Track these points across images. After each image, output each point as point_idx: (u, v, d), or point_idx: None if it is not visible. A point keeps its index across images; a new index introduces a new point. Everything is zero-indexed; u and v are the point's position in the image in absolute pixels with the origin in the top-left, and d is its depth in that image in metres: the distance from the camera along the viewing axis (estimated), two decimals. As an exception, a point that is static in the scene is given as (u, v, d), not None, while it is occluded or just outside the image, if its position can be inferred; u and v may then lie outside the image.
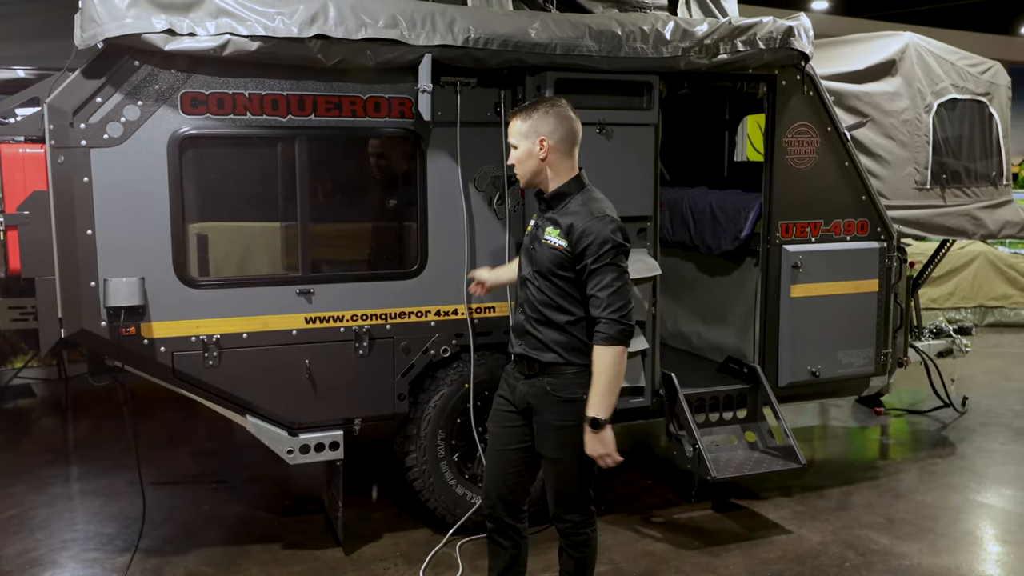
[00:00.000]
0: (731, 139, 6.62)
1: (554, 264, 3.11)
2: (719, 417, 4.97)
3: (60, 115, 3.69)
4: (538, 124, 3.14)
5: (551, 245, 3.12)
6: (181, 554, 4.40)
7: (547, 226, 3.16)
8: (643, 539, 4.58)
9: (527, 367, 3.20)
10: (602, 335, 3.04)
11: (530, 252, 3.22)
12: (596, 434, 3.04)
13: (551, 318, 3.14)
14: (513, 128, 3.19)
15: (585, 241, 3.05)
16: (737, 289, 5.42)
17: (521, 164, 3.20)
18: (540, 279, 3.15)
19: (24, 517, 4.89)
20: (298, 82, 4.00)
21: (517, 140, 3.18)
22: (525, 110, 3.18)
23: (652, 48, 4.39)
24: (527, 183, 3.25)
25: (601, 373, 3.04)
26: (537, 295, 3.16)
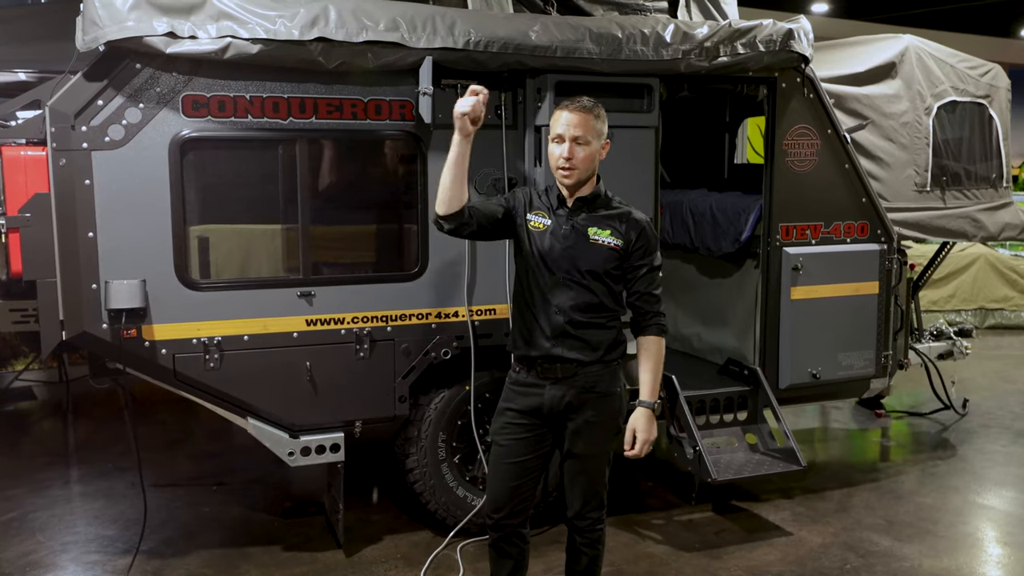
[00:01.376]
0: (731, 141, 6.63)
1: (609, 264, 3.15)
2: (720, 419, 4.97)
3: (62, 118, 3.70)
4: (605, 126, 3.16)
5: (608, 245, 3.14)
6: (181, 556, 4.40)
7: (590, 226, 3.16)
8: (643, 541, 4.58)
9: (562, 370, 3.17)
10: (659, 327, 3.21)
11: (564, 252, 3.15)
12: (654, 416, 3.18)
13: (596, 319, 3.16)
14: (585, 123, 3.08)
15: (641, 243, 3.16)
16: (737, 291, 5.43)
17: (585, 162, 3.11)
18: (591, 279, 3.14)
19: (24, 520, 4.89)
20: (299, 85, 4.01)
21: (591, 137, 3.10)
22: (595, 109, 3.13)
23: (652, 51, 4.40)
24: (577, 182, 3.15)
25: (659, 361, 3.21)
26: (585, 296, 3.14)
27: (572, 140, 3.08)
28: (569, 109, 3.10)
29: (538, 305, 3.19)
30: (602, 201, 3.22)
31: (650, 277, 3.19)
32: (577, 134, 3.08)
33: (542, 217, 3.23)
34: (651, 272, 3.19)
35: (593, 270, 3.15)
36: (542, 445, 3.27)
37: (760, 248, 5.04)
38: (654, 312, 3.20)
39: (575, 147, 3.09)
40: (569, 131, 3.08)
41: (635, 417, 3.17)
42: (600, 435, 3.23)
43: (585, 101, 3.12)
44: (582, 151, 3.09)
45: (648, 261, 3.19)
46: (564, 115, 3.11)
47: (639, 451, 3.16)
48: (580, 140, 3.08)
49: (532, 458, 3.27)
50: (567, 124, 3.09)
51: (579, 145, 3.09)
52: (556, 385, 3.18)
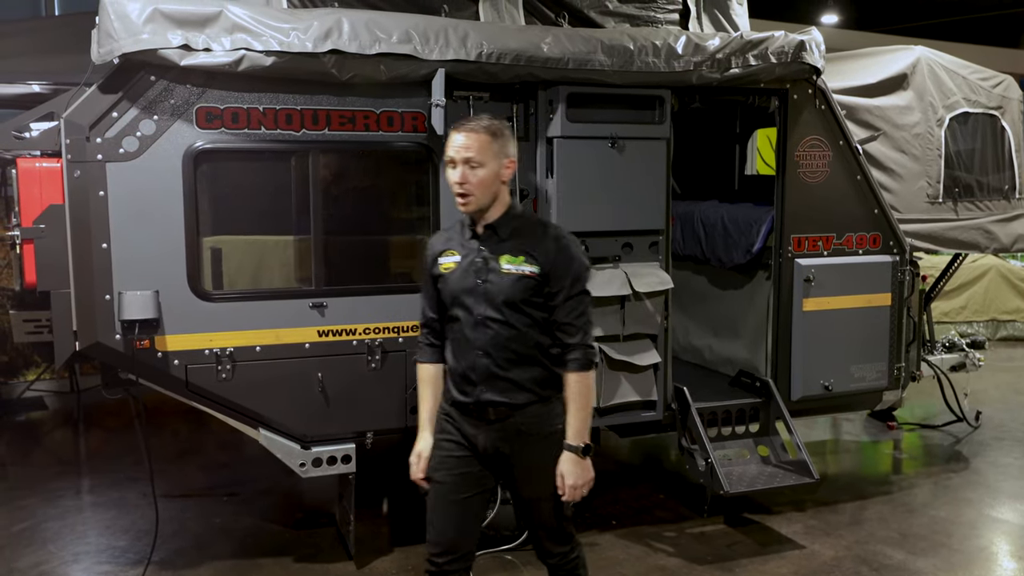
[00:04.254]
0: (742, 153, 6.63)
1: (526, 293, 2.85)
2: (731, 431, 4.96)
3: (77, 129, 3.73)
4: (506, 145, 2.86)
5: (520, 274, 2.84)
6: (193, 567, 4.40)
7: (502, 254, 2.87)
8: (655, 554, 4.55)
9: (494, 413, 2.91)
10: (580, 362, 2.88)
11: (477, 288, 2.88)
12: (584, 461, 2.88)
13: (524, 353, 2.89)
14: (477, 145, 2.80)
15: (562, 266, 2.86)
16: (749, 302, 5.42)
17: (481, 187, 2.82)
18: (509, 312, 2.85)
19: (36, 530, 4.89)
20: (312, 97, 4.03)
21: (485, 158, 2.81)
22: (491, 127, 2.85)
23: (664, 62, 4.41)
24: (478, 207, 2.86)
25: (584, 400, 2.89)
26: (505, 332, 2.86)
27: (464, 163, 2.81)
28: (461, 130, 2.84)
29: (462, 348, 2.93)
30: (515, 225, 2.91)
31: (569, 305, 2.87)
32: (468, 156, 2.80)
33: (451, 256, 2.96)
34: (570, 300, 2.87)
35: (510, 301, 2.85)
36: (483, 484, 3.00)
37: (772, 259, 5.03)
38: (573, 344, 2.87)
39: (467, 171, 2.81)
40: (460, 154, 2.82)
41: (561, 461, 2.89)
42: (547, 477, 2.93)
43: (480, 120, 2.87)
44: (476, 175, 2.81)
45: (563, 286, 2.86)
46: (455, 137, 2.85)
47: (569, 497, 2.90)
48: (473, 163, 2.80)
49: (475, 496, 3.00)
50: (458, 147, 2.82)
51: (472, 169, 2.81)
52: (490, 428, 2.93)
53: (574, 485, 2.89)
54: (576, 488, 2.90)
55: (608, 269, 4.45)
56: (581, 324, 2.89)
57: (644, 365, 4.50)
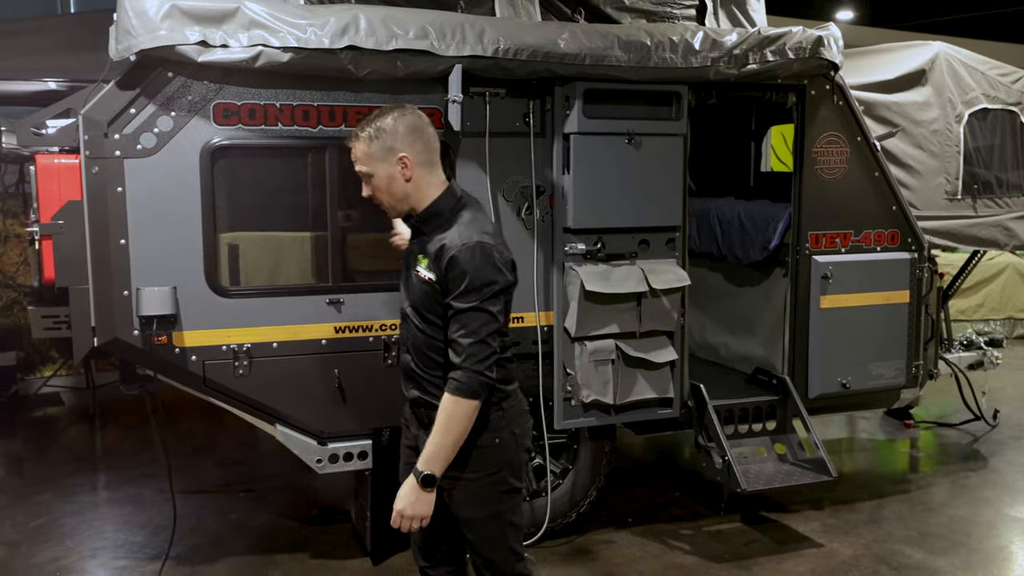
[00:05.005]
0: (757, 149, 6.59)
1: (427, 300, 2.69)
2: (748, 429, 4.93)
3: (95, 126, 3.73)
4: (391, 140, 2.67)
5: (422, 278, 2.70)
6: (210, 563, 4.41)
7: (418, 253, 2.76)
8: (671, 552, 4.54)
9: (425, 414, 2.76)
10: (457, 384, 2.57)
11: (407, 283, 2.82)
12: (424, 493, 2.59)
13: (436, 358, 2.72)
14: (358, 153, 2.71)
15: (453, 274, 2.60)
16: (765, 300, 5.39)
17: (385, 193, 2.72)
18: (417, 316, 2.74)
19: (53, 525, 4.92)
20: (329, 93, 4.02)
21: (369, 167, 2.70)
22: (365, 133, 2.69)
23: (681, 58, 4.38)
24: (397, 212, 2.80)
25: (446, 425, 2.57)
26: (417, 333, 2.74)
27: (363, 176, 2.77)
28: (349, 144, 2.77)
29: (403, 342, 2.88)
30: (436, 223, 2.73)
31: (457, 321, 2.61)
32: (357, 169, 2.76)
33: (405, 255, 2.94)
34: (458, 315, 2.60)
35: (416, 306, 2.74)
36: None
37: (789, 256, 5.00)
38: (459, 367, 2.58)
39: (365, 185, 2.78)
40: (356, 169, 2.78)
41: (403, 484, 2.64)
42: (481, 494, 2.72)
43: (357, 128, 2.73)
44: (371, 184, 2.74)
45: (460, 302, 2.60)
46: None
47: (392, 522, 2.63)
48: (363, 174, 2.75)
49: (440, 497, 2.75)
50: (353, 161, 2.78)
51: (367, 180, 2.76)
52: (424, 432, 2.74)
53: (400, 511, 2.61)
54: (402, 515, 2.61)
55: (625, 266, 4.43)
56: (466, 344, 2.57)
57: (661, 362, 4.48)
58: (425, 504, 2.60)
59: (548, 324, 4.44)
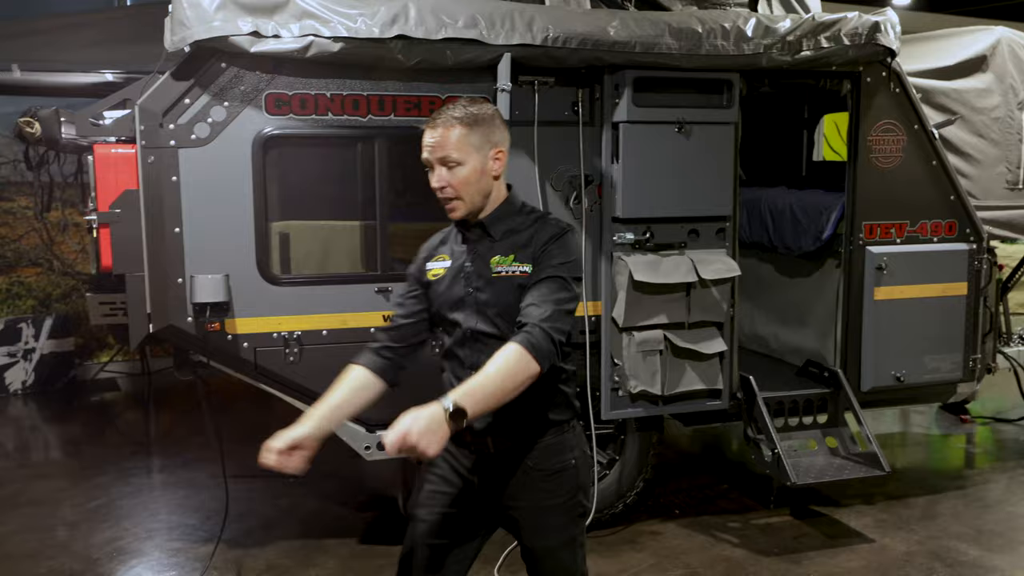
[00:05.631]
0: (809, 138, 6.48)
1: (520, 297, 2.41)
2: (799, 422, 4.86)
3: (151, 116, 3.80)
4: (490, 132, 2.43)
5: (512, 275, 2.42)
6: (260, 546, 4.48)
7: (493, 255, 2.45)
8: (719, 544, 4.50)
9: (494, 444, 2.48)
10: (529, 338, 2.27)
11: (467, 297, 2.47)
12: (445, 427, 2.13)
13: None
14: (449, 141, 2.38)
15: (552, 247, 2.41)
16: (817, 291, 5.30)
17: (465, 187, 2.41)
18: (505, 324, 2.39)
19: (111, 507, 5.05)
20: (378, 82, 4.04)
21: (463, 154, 2.39)
22: (465, 117, 2.40)
23: (733, 45, 4.32)
24: (468, 212, 2.45)
25: (506, 375, 2.23)
26: (499, 347, 2.32)
27: (440, 164, 2.41)
28: (431, 125, 2.43)
29: (456, 368, 2.51)
30: (511, 224, 2.48)
31: (546, 285, 2.37)
32: (444, 155, 2.39)
33: (441, 261, 2.56)
34: (548, 280, 2.37)
35: (505, 311, 2.41)
36: (474, 528, 2.58)
37: (842, 247, 4.91)
38: (537, 324, 2.29)
39: (445, 172, 2.41)
40: (434, 153, 2.41)
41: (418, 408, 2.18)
42: (560, 521, 2.52)
43: (453, 110, 2.42)
44: (456, 175, 2.40)
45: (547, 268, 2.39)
46: (426, 134, 2.44)
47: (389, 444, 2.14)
48: (450, 162, 2.39)
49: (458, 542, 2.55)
50: (430, 145, 2.42)
51: (451, 169, 2.40)
52: (492, 463, 2.50)
53: (406, 432, 2.09)
54: (406, 437, 2.09)
55: (674, 256, 4.39)
56: (549, 308, 2.32)
57: (710, 353, 4.44)
58: (439, 439, 2.12)
59: (596, 314, 4.42)
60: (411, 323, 2.61)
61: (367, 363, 2.56)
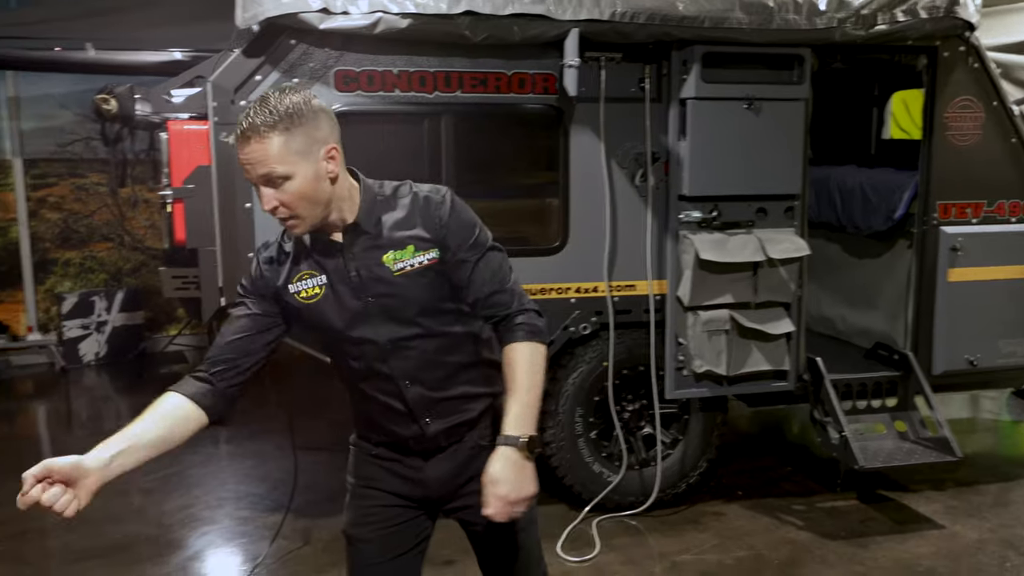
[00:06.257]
0: (879, 115, 6.31)
1: (436, 288, 2.15)
2: (867, 405, 4.77)
3: (223, 93, 3.85)
4: (313, 130, 2.00)
5: (419, 268, 2.12)
6: (326, 516, 4.57)
7: (379, 255, 2.12)
8: (784, 526, 4.46)
9: (446, 438, 2.25)
10: (530, 328, 2.14)
11: (370, 308, 2.14)
12: (528, 463, 2.02)
13: (458, 360, 2.22)
14: (266, 153, 1.95)
15: (455, 224, 2.14)
16: (887, 272, 5.17)
17: (302, 201, 2.00)
18: (428, 320, 2.16)
19: (183, 475, 5.19)
20: (445, 59, 4.04)
21: (288, 167, 1.97)
22: (277, 122, 1.95)
23: (805, 19, 4.22)
24: (314, 224, 2.07)
25: (535, 378, 2.10)
26: (429, 345, 2.17)
27: (263, 183, 2.00)
28: (239, 141, 1.99)
29: (384, 385, 2.21)
30: (379, 207, 2.14)
31: (481, 271, 2.15)
32: (263, 173, 1.98)
33: (310, 279, 2.16)
34: (479, 264, 2.15)
35: (428, 307, 2.15)
36: (423, 530, 2.37)
37: (915, 227, 4.78)
38: (521, 309, 2.16)
39: (272, 192, 2.00)
40: (253, 174, 1.99)
41: (492, 460, 2.02)
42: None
43: (258, 118, 1.95)
44: (286, 191, 1.99)
45: (462, 252, 2.14)
46: (238, 153, 2.02)
47: (497, 513, 2.00)
48: (274, 179, 1.98)
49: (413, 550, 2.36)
50: (245, 166, 2.00)
51: (278, 187, 1.99)
52: (440, 459, 2.27)
53: (507, 497, 1.98)
54: (509, 502, 1.99)
55: (741, 235, 4.32)
56: (508, 286, 2.17)
57: (776, 334, 4.37)
58: (531, 477, 2.03)
59: (661, 293, 4.39)
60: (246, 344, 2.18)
61: (192, 391, 2.12)
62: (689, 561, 4.11)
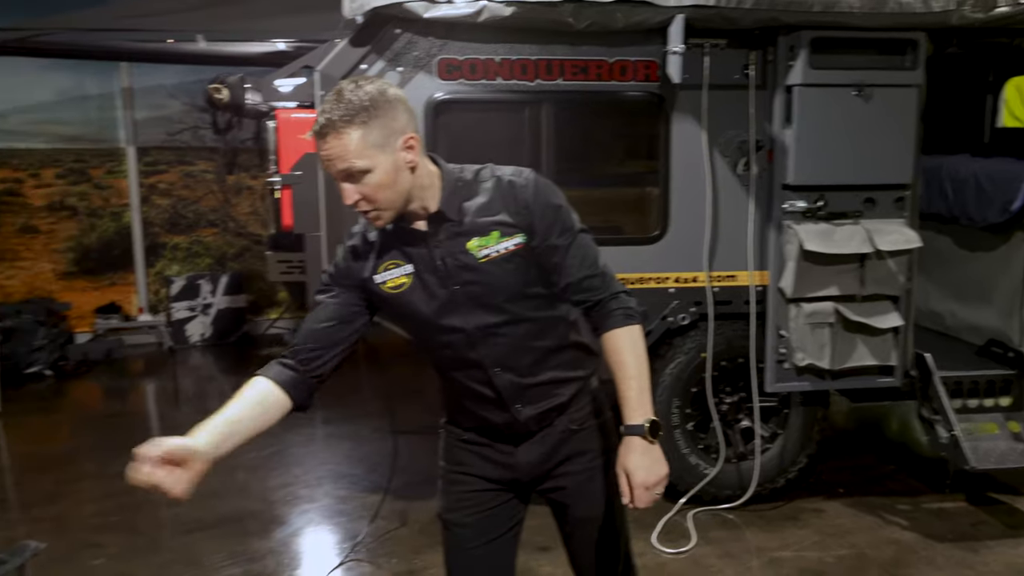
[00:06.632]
0: (994, 103, 6.02)
1: (522, 273, 2.13)
2: (979, 404, 4.57)
3: (330, 81, 3.93)
4: (390, 120, 1.99)
5: (505, 253, 2.10)
6: (423, 499, 4.64)
7: (464, 242, 2.10)
8: (888, 526, 4.33)
9: (537, 423, 2.25)
10: (626, 312, 2.14)
11: (457, 298, 2.13)
12: (656, 447, 2.07)
13: (547, 345, 2.21)
14: (345, 147, 1.95)
15: (540, 207, 2.11)
16: (1002, 266, 4.94)
17: (385, 191, 2.01)
18: (516, 306, 2.14)
19: (284, 454, 5.35)
20: (546, 47, 4.04)
21: (367, 161, 1.97)
22: (353, 118, 1.95)
23: (921, 2, 4.05)
24: (398, 212, 2.07)
25: (642, 360, 2.11)
26: (517, 331, 2.16)
27: (344, 178, 2.01)
28: (316, 137, 2.00)
29: (476, 374, 2.21)
30: (461, 197, 2.13)
31: (573, 255, 2.13)
32: (343, 168, 1.98)
33: (397, 268, 2.16)
34: (570, 248, 2.13)
35: (513, 294, 2.14)
36: (517, 513, 2.38)
37: (1034, 219, 4.57)
38: (615, 293, 2.16)
39: (352, 187, 2.01)
40: (333, 168, 2.00)
41: (623, 452, 2.08)
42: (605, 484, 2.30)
43: (334, 114, 1.95)
44: (367, 185, 2.00)
45: (551, 236, 2.12)
46: (318, 148, 2.01)
47: (639, 502, 2.06)
48: (354, 172, 1.99)
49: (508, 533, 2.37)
50: (325, 162, 2.02)
51: (358, 181, 2.00)
52: (531, 443, 2.28)
53: (644, 483, 2.04)
54: (648, 488, 2.04)
55: (848, 225, 4.20)
56: (600, 270, 2.16)
57: (883, 328, 4.24)
58: (660, 459, 2.07)
59: (762, 284, 4.30)
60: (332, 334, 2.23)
61: (277, 376, 2.21)
62: (788, 558, 4.03)
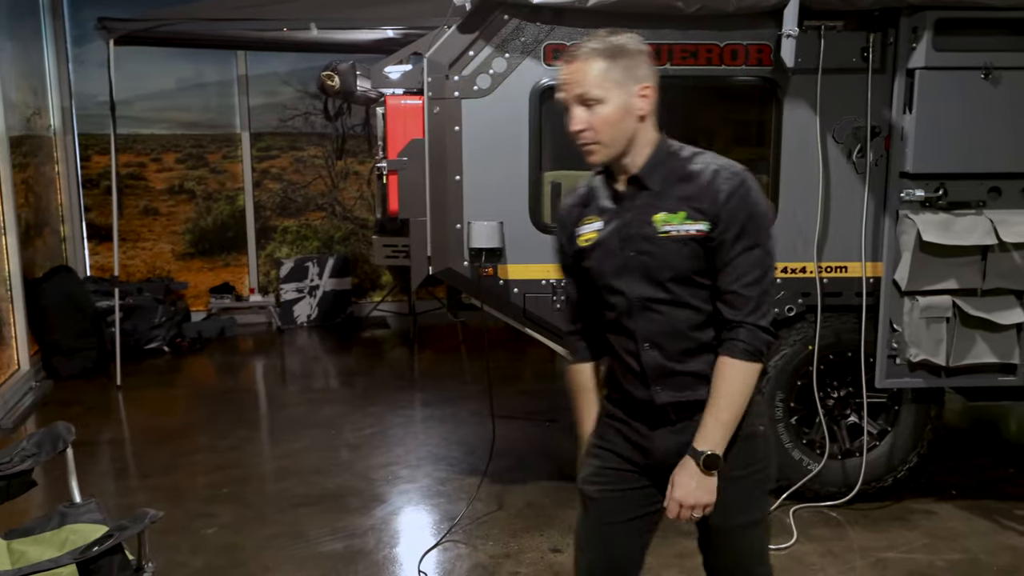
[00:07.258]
0: None
1: (697, 261, 2.15)
2: (1110, 407, 4.33)
3: (438, 68, 3.98)
4: (634, 67, 2.12)
5: (683, 236, 2.13)
6: (520, 483, 4.68)
7: (656, 212, 2.16)
8: (1004, 531, 4.13)
9: (675, 413, 2.25)
10: (743, 345, 2.13)
11: (630, 261, 2.19)
12: (707, 477, 2.15)
13: (700, 338, 2.21)
14: (588, 75, 2.09)
15: (732, 204, 2.11)
16: None
17: (607, 128, 2.11)
18: (679, 289, 2.17)
19: (385, 435, 5.48)
20: (655, 31, 3.98)
21: (603, 91, 2.09)
22: (605, 49, 2.10)
23: (1057, -22, 3.83)
24: (609, 156, 2.17)
25: (733, 397, 2.14)
26: (679, 314, 2.18)
27: (578, 102, 2.12)
28: (567, 60, 2.15)
29: (626, 343, 2.27)
30: (669, 169, 2.18)
31: (737, 265, 2.13)
32: (580, 92, 2.11)
33: (592, 224, 2.27)
34: (739, 257, 2.12)
35: (678, 276, 2.16)
36: (655, 502, 2.32)
37: None
38: (743, 323, 2.13)
39: (584, 112, 2.11)
40: (570, 92, 2.13)
41: (679, 467, 2.19)
42: (751, 494, 2.29)
43: (592, 42, 2.13)
44: (597, 114, 2.10)
45: (728, 238, 2.12)
46: (562, 71, 2.17)
47: (670, 513, 2.20)
48: (588, 99, 2.10)
49: (641, 518, 2.36)
50: (565, 84, 2.14)
51: (590, 108, 2.10)
52: (667, 431, 2.27)
53: (680, 500, 2.16)
54: (682, 505, 2.17)
55: (969, 215, 4.01)
56: (753, 294, 2.13)
57: (1006, 324, 4.03)
58: (708, 490, 2.16)
59: (875, 276, 4.15)
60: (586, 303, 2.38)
61: (583, 356, 2.48)
62: (895, 559, 3.89)
